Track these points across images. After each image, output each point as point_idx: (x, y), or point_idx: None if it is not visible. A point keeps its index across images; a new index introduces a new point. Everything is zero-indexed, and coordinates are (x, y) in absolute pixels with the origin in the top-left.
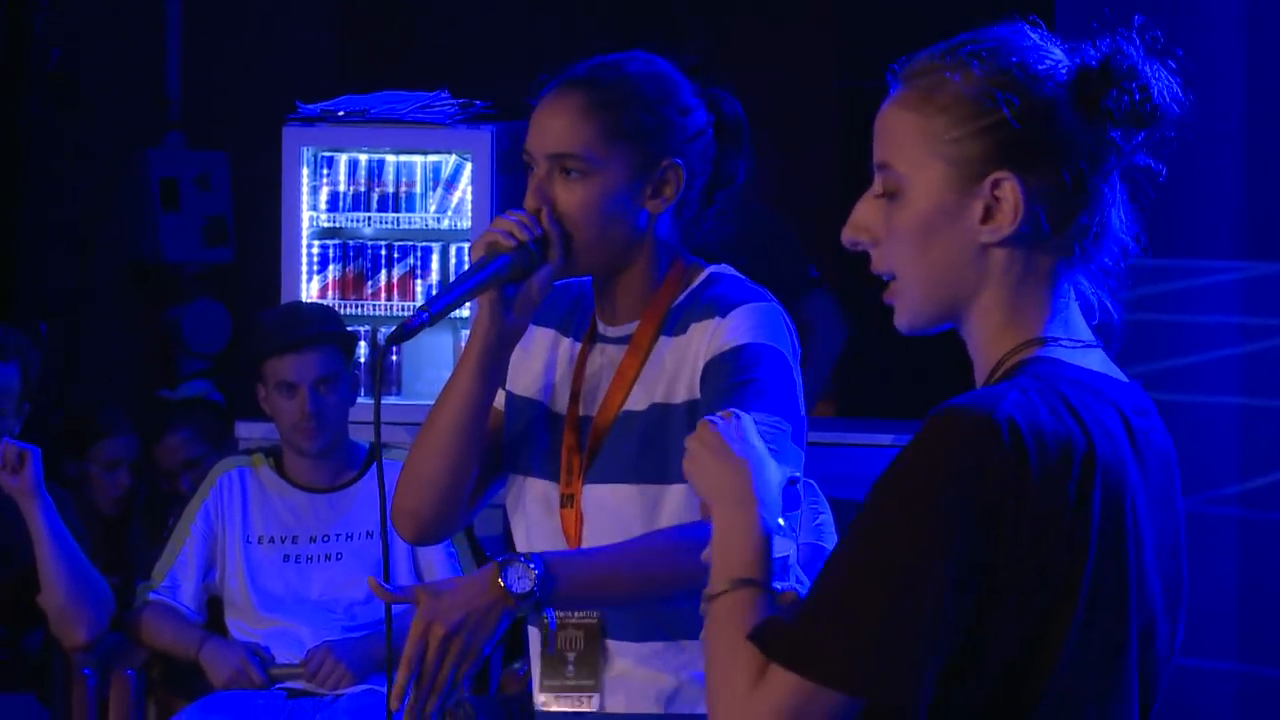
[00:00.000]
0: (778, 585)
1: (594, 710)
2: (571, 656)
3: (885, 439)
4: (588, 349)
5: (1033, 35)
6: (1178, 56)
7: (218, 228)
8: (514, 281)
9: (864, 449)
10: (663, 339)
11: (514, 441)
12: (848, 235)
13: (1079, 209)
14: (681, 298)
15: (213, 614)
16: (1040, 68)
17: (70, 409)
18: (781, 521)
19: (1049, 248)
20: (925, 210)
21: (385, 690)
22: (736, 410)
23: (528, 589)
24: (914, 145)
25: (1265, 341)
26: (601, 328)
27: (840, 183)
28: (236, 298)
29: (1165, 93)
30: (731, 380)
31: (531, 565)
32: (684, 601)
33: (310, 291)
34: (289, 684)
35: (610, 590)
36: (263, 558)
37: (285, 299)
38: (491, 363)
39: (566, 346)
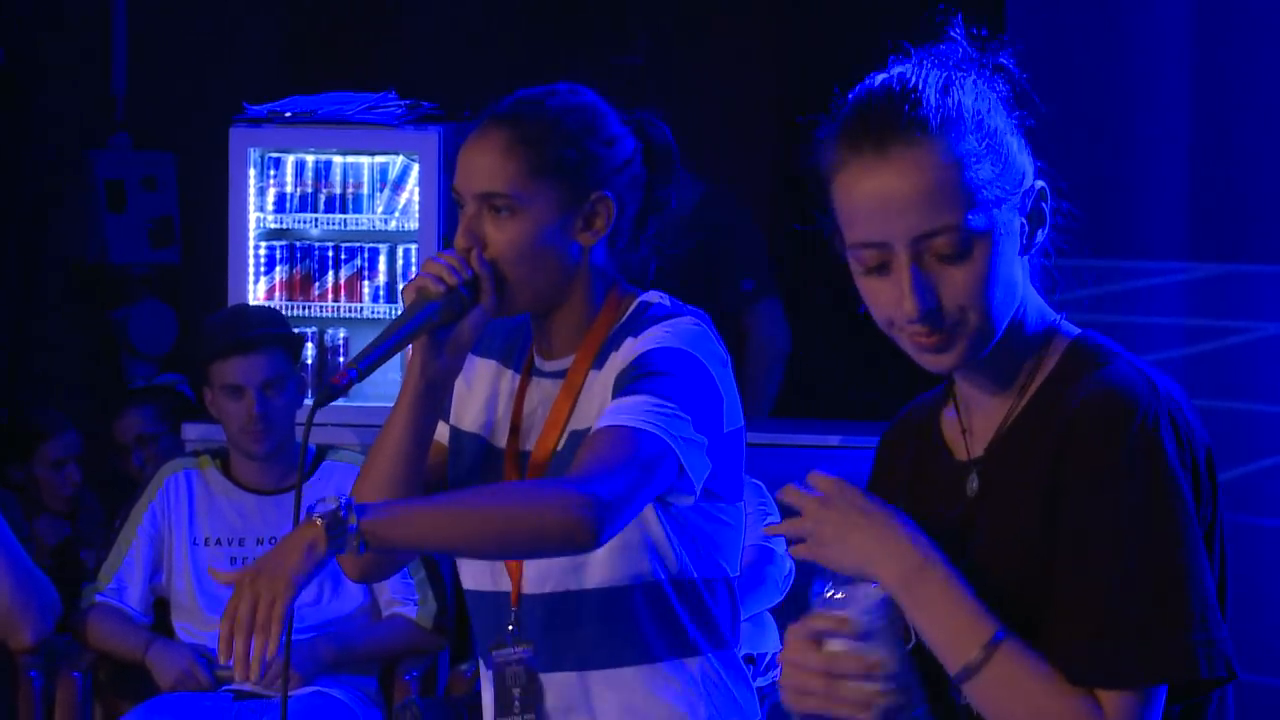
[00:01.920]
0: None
1: None
2: (517, 693)
3: (833, 439)
4: (526, 383)
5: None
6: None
7: (164, 229)
8: (445, 325)
9: (812, 450)
10: (592, 373)
11: (459, 479)
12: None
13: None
14: (613, 332)
15: (159, 616)
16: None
17: (16, 412)
18: None
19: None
20: (993, 243)
21: (333, 693)
22: (817, 472)
23: (330, 509)
24: (963, 169)
25: (1209, 343)
26: (538, 362)
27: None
28: (182, 299)
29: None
30: (631, 375)
31: (337, 495)
32: (528, 552)
33: (257, 293)
34: (236, 686)
35: (431, 526)
36: (209, 559)
37: (232, 300)
38: (425, 406)
39: (508, 379)
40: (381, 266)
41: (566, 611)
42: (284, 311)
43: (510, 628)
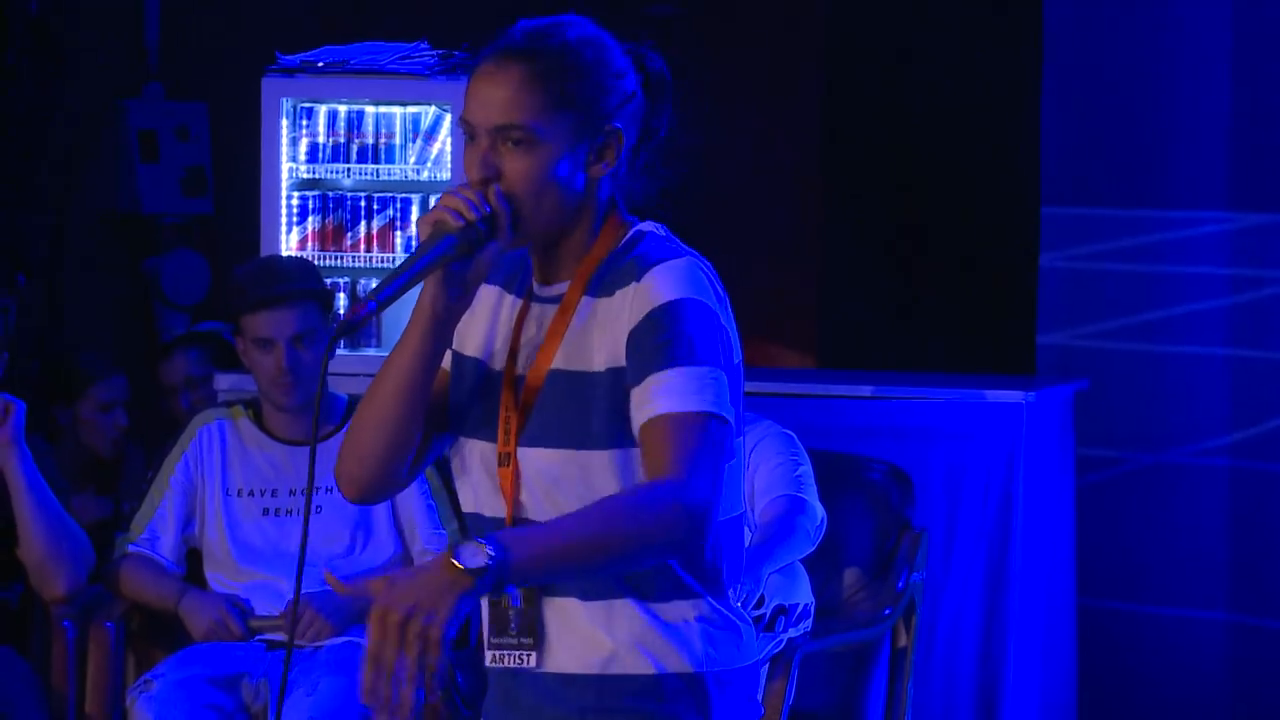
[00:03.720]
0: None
1: (532, 667)
2: (514, 615)
3: (866, 390)
4: (526, 308)
5: None
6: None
7: (196, 179)
8: (460, 259)
9: (843, 400)
10: (586, 299)
11: (459, 403)
12: None
13: None
14: (608, 258)
15: (192, 566)
16: None
17: (55, 357)
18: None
19: None
20: None
21: (364, 642)
22: None
23: (481, 564)
24: None
25: (1253, 292)
26: (537, 288)
27: (820, 141)
28: (215, 249)
29: None
30: (656, 341)
31: (483, 543)
32: (643, 565)
33: (289, 243)
34: (268, 636)
35: (567, 559)
36: (242, 510)
37: (264, 250)
38: (435, 338)
39: (509, 304)
40: (414, 217)
41: None
42: (316, 262)
43: None
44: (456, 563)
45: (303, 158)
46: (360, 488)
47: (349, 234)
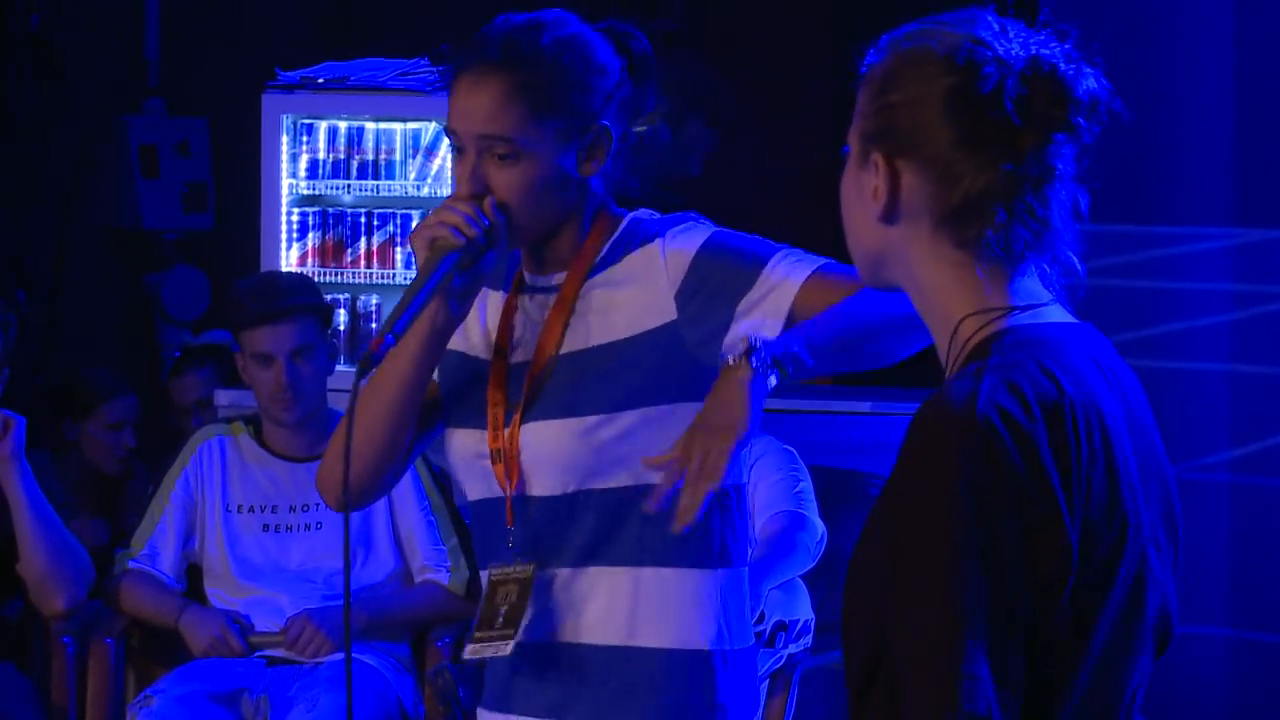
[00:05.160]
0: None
1: (506, 655)
2: (503, 609)
3: (864, 406)
4: (515, 299)
5: (989, 22)
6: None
7: (197, 194)
8: (460, 274)
9: (843, 416)
10: (596, 282)
11: (449, 396)
12: None
13: (980, 196)
14: (606, 248)
15: (192, 582)
16: (959, 60)
17: (66, 373)
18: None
19: (953, 227)
20: (845, 185)
21: (365, 659)
22: None
23: (742, 350)
24: (855, 119)
25: (1256, 308)
26: (529, 277)
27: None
28: (216, 264)
29: (1085, 91)
30: (728, 262)
31: (746, 337)
32: (890, 355)
33: (290, 259)
34: (268, 652)
35: (839, 346)
36: (242, 526)
37: (265, 266)
38: (433, 350)
39: (495, 299)
40: None
41: (570, 511)
42: (316, 278)
43: (511, 544)
44: (726, 362)
45: (303, 173)
46: (350, 494)
47: (349, 250)
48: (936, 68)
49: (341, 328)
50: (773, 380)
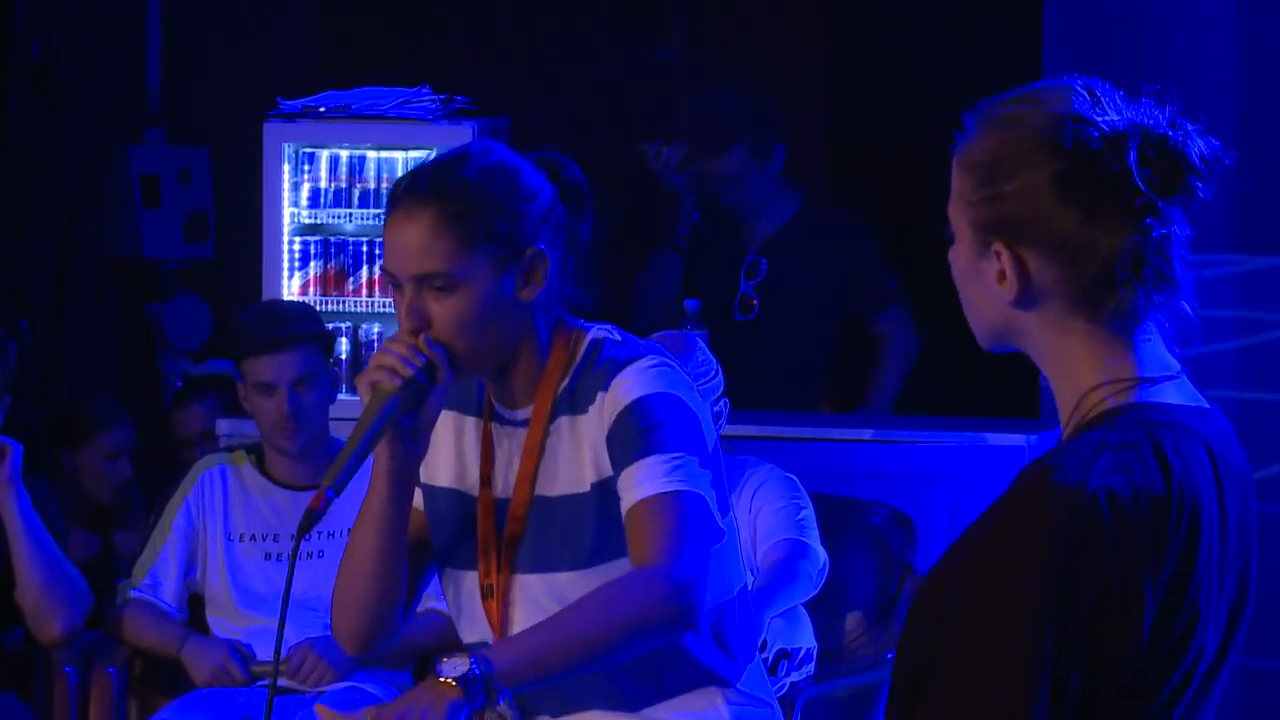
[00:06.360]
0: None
1: None
2: None
3: (866, 434)
4: (489, 429)
5: (1082, 94)
6: (1173, 100)
7: (198, 223)
8: (407, 412)
9: (845, 444)
10: (563, 419)
11: (437, 532)
12: None
13: (1111, 269)
14: (572, 374)
15: (194, 611)
16: (1067, 142)
17: (65, 401)
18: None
19: (1088, 303)
20: (961, 268)
21: (367, 688)
22: None
23: (462, 671)
24: (954, 200)
25: (1262, 335)
26: (499, 408)
27: (825, 185)
28: (217, 293)
29: (1198, 155)
30: (630, 436)
31: (464, 654)
32: (636, 651)
33: (291, 288)
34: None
35: (556, 656)
36: (244, 556)
37: (266, 295)
38: (400, 490)
39: (470, 427)
40: None
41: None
42: (318, 307)
43: None
44: (440, 677)
45: (304, 202)
46: (362, 641)
47: (351, 279)
48: (1044, 153)
49: (343, 356)
50: (478, 702)
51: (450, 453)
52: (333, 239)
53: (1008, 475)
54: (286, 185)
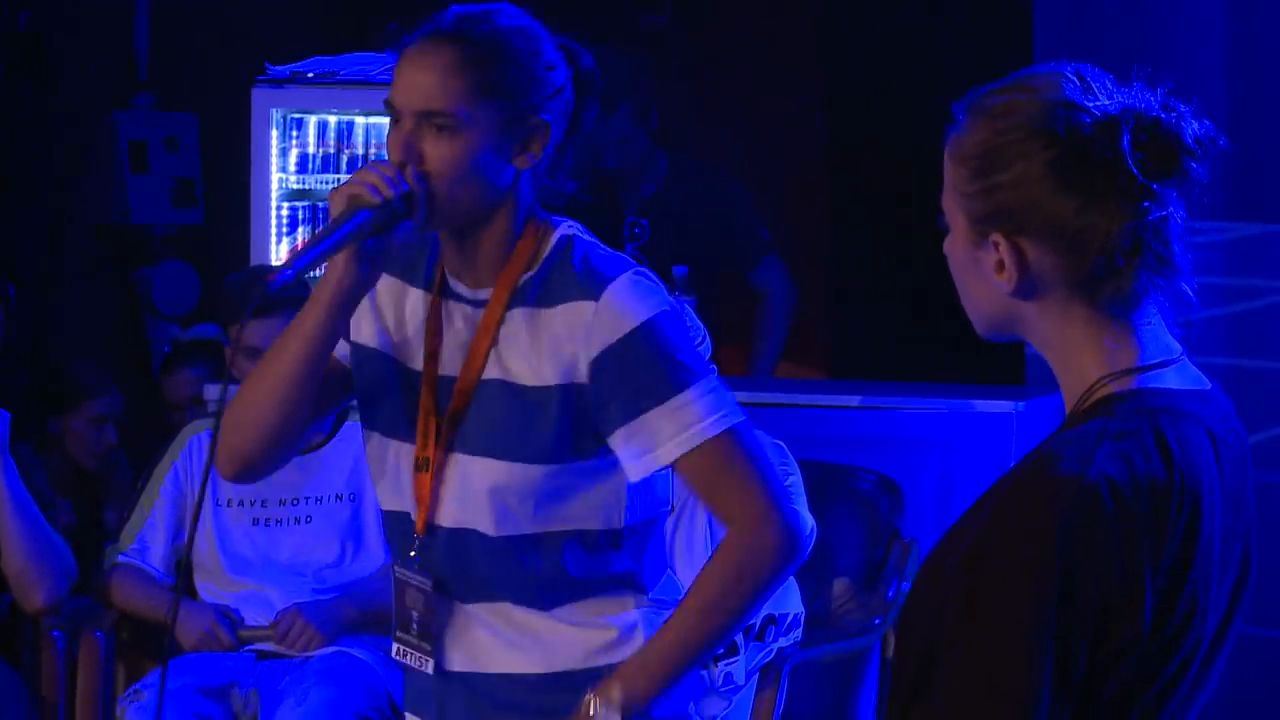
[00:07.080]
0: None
1: (429, 673)
2: (415, 614)
3: (853, 400)
4: (439, 304)
5: (1073, 80)
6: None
7: (186, 190)
8: (374, 235)
9: (832, 410)
10: (522, 309)
11: (368, 397)
12: None
13: (1109, 254)
14: (539, 266)
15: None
16: (1059, 130)
17: (52, 367)
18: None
19: (1087, 289)
20: (958, 259)
21: (355, 653)
22: None
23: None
24: (947, 191)
25: (1251, 302)
26: (455, 285)
27: (821, 156)
28: (205, 259)
29: (1192, 137)
30: (646, 368)
31: (613, 688)
32: (767, 599)
33: (280, 254)
34: (258, 646)
35: (695, 656)
36: (232, 521)
37: (254, 261)
38: (338, 315)
39: (415, 298)
40: None
41: (471, 548)
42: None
43: (413, 554)
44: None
45: (293, 168)
46: (244, 463)
47: None
48: (1037, 142)
49: None
50: None
51: (389, 317)
52: (320, 204)
53: (995, 441)
54: (274, 151)
